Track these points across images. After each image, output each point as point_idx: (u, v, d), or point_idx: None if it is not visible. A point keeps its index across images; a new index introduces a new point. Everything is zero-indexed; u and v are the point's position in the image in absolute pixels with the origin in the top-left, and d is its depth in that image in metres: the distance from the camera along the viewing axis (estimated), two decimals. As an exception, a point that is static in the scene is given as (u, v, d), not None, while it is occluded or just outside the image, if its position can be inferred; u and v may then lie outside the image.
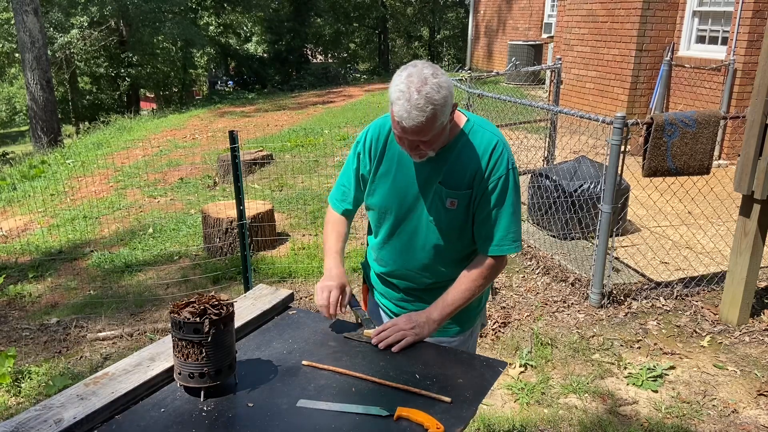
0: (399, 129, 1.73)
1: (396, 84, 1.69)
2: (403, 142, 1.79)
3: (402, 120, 1.68)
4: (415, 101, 1.65)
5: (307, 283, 4.81)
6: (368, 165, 1.97)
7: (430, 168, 1.88)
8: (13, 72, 21.71)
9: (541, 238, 5.20)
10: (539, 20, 14.28)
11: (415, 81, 1.66)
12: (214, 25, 24.51)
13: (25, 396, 3.47)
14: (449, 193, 1.86)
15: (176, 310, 1.60)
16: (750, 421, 3.06)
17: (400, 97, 1.67)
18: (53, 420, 1.46)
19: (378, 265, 2.10)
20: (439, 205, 1.88)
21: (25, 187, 8.89)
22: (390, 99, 1.72)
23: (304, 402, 1.58)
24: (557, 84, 6.82)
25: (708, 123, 3.83)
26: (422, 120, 1.66)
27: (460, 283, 1.92)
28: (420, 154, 1.81)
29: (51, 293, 5.00)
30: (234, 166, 3.87)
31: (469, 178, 1.85)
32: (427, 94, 1.65)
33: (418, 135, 1.71)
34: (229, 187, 7.02)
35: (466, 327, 2.08)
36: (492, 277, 1.96)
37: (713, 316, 4.01)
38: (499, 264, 1.94)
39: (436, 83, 1.67)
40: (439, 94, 1.66)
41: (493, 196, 1.85)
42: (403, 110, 1.66)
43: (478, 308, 2.11)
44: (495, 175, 1.84)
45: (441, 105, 1.68)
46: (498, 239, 1.89)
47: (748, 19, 7.08)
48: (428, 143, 1.76)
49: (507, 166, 1.86)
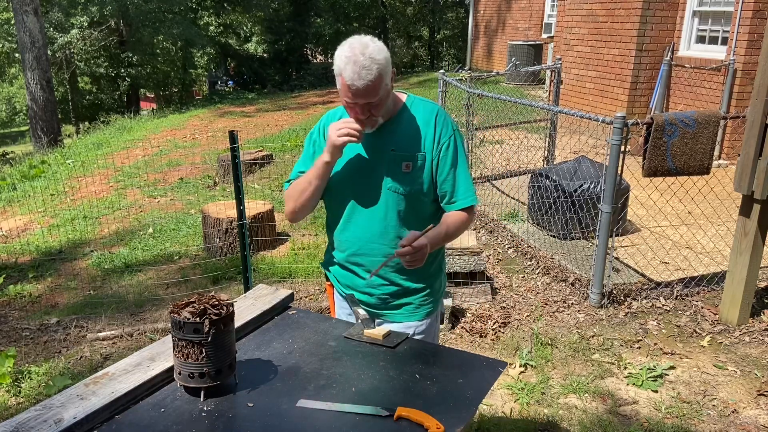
0: (350, 94, 1.85)
1: (340, 54, 1.85)
2: (354, 110, 1.90)
3: (353, 82, 1.82)
4: (362, 62, 1.80)
5: (307, 283, 4.81)
6: (323, 143, 2.06)
7: (379, 141, 2.00)
8: (13, 72, 21.71)
9: (541, 238, 5.20)
10: (539, 20, 14.28)
11: (357, 47, 1.83)
12: (214, 25, 24.51)
13: (25, 396, 3.47)
14: (403, 157, 1.99)
15: (176, 310, 1.60)
16: (750, 421, 3.06)
17: (347, 62, 1.82)
18: (53, 420, 1.46)
19: (340, 251, 2.13)
20: (396, 170, 1.99)
21: (25, 187, 8.89)
22: (337, 71, 1.85)
23: (304, 402, 1.58)
24: (557, 84, 6.82)
25: (708, 123, 3.83)
26: (371, 78, 1.81)
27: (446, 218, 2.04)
28: (371, 123, 1.93)
29: (51, 293, 5.00)
30: (234, 166, 3.87)
31: (420, 141, 2.00)
32: (371, 55, 1.81)
33: (368, 96, 1.84)
34: (229, 187, 7.02)
35: (435, 308, 2.17)
36: (466, 226, 2.09)
37: (713, 316, 4.01)
38: (471, 215, 2.08)
39: (376, 47, 1.84)
40: (381, 55, 1.84)
41: (448, 156, 2.01)
42: (353, 72, 1.81)
43: (441, 291, 2.22)
44: (444, 136, 2.01)
45: (384, 66, 1.85)
46: (463, 192, 2.04)
47: (748, 19, 7.08)
48: (377, 106, 1.89)
49: (452, 127, 2.04)
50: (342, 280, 2.19)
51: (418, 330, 2.12)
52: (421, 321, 2.13)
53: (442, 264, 2.23)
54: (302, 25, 23.88)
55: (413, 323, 2.11)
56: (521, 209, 5.82)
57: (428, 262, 2.08)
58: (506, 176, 6.84)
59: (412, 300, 2.12)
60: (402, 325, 2.09)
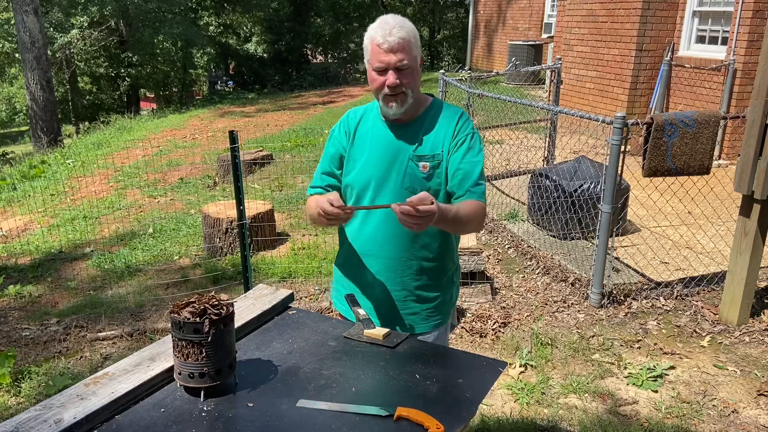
0: (382, 52, 1.86)
1: (369, 28, 1.91)
2: (384, 79, 1.89)
3: (385, 38, 1.84)
4: (392, 23, 1.86)
5: (307, 283, 4.81)
6: (345, 142, 2.07)
7: (401, 140, 2.00)
8: (13, 72, 21.69)
9: (541, 238, 5.19)
10: (539, 20, 14.28)
11: (387, 16, 1.90)
12: (214, 25, 24.50)
13: (25, 396, 3.47)
14: (421, 157, 1.98)
15: (176, 310, 1.60)
16: (750, 421, 3.06)
17: (377, 27, 1.87)
18: (53, 420, 1.46)
19: (353, 248, 2.10)
20: (414, 170, 1.98)
21: (25, 187, 8.88)
22: (367, 41, 1.90)
23: (304, 402, 1.58)
24: (557, 84, 6.82)
25: (708, 123, 3.83)
26: (402, 35, 1.85)
27: (459, 204, 1.93)
28: (401, 99, 1.92)
29: (51, 293, 5.00)
30: (234, 166, 3.87)
31: (439, 141, 1.98)
32: (401, 20, 1.88)
33: (399, 52, 1.85)
34: (229, 187, 7.02)
35: (445, 319, 2.15)
36: (479, 220, 1.96)
37: (713, 316, 4.00)
38: (484, 210, 1.98)
39: (405, 19, 1.91)
40: (411, 24, 1.90)
41: (462, 148, 1.97)
42: (384, 31, 1.85)
43: (451, 302, 2.19)
44: (462, 133, 1.99)
45: (414, 32, 1.89)
46: (472, 186, 1.96)
47: (748, 19, 7.08)
48: (408, 75, 1.89)
49: (472, 129, 2.02)
50: (347, 281, 2.16)
51: (426, 338, 2.09)
52: (429, 333, 2.11)
53: (454, 277, 2.17)
54: (302, 25, 23.88)
55: (425, 334, 2.09)
56: (521, 209, 5.82)
57: (440, 274, 2.07)
58: (506, 176, 6.84)
59: (419, 310, 2.09)
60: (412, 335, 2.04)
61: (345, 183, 2.08)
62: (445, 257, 2.09)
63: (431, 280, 2.06)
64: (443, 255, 2.08)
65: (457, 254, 2.19)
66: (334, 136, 2.11)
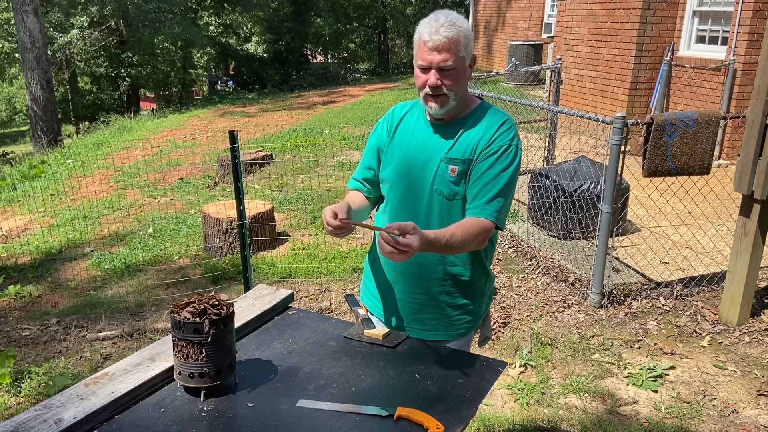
0: (426, 50, 1.81)
1: (421, 22, 1.86)
2: (426, 77, 1.84)
3: (431, 36, 1.79)
4: (442, 21, 1.80)
5: (307, 283, 4.81)
6: (385, 136, 2.06)
7: (438, 140, 1.94)
8: (13, 72, 21.71)
9: (541, 238, 5.19)
10: (539, 20, 14.28)
11: (440, 13, 1.84)
12: (214, 25, 24.53)
13: (25, 396, 3.47)
14: (452, 160, 1.90)
15: (176, 310, 1.60)
16: (750, 421, 3.06)
17: (427, 23, 1.82)
18: (53, 420, 1.46)
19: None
20: (444, 172, 1.91)
21: (25, 187, 8.88)
22: (416, 37, 1.84)
23: (304, 402, 1.58)
24: (557, 84, 6.81)
25: (708, 123, 3.83)
26: (450, 35, 1.78)
27: (459, 223, 1.84)
28: (442, 100, 1.85)
29: (51, 293, 5.00)
30: (234, 166, 3.87)
31: (473, 146, 1.90)
32: (452, 18, 1.81)
33: (444, 51, 1.79)
34: (229, 187, 7.02)
35: (469, 330, 2.06)
36: (480, 240, 1.84)
37: (713, 316, 4.00)
38: (488, 230, 1.84)
39: (461, 17, 1.84)
40: (464, 23, 1.82)
41: (491, 158, 1.86)
42: (432, 28, 1.80)
43: (479, 313, 2.07)
44: (497, 143, 1.87)
45: (466, 32, 1.82)
46: (487, 202, 1.84)
47: (748, 19, 7.08)
48: (451, 77, 1.82)
49: (512, 140, 1.89)
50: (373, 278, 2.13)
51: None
52: (449, 341, 2.02)
53: (485, 287, 2.07)
54: (302, 25, 23.90)
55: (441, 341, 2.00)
56: (521, 209, 5.82)
57: (467, 282, 1.99)
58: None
59: (440, 317, 2.02)
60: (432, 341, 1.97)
61: (381, 177, 2.06)
62: (473, 265, 1.99)
63: (456, 287, 1.99)
64: (471, 263, 1.99)
65: (489, 264, 2.07)
66: (377, 130, 2.08)
